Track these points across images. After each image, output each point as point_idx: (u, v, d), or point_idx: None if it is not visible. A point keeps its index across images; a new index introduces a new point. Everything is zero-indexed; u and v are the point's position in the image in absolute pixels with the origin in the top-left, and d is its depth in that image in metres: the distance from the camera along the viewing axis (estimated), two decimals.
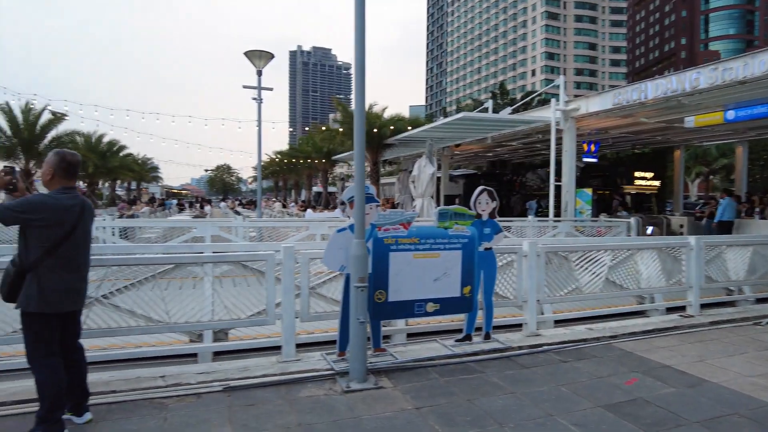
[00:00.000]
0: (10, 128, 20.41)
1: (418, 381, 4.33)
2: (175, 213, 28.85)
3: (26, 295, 3.09)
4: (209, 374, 4.26)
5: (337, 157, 33.06)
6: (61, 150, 3.35)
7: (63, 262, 3.17)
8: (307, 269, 4.69)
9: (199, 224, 10.38)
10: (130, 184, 52.00)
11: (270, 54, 13.28)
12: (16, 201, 3.11)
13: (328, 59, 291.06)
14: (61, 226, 3.14)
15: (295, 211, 29.64)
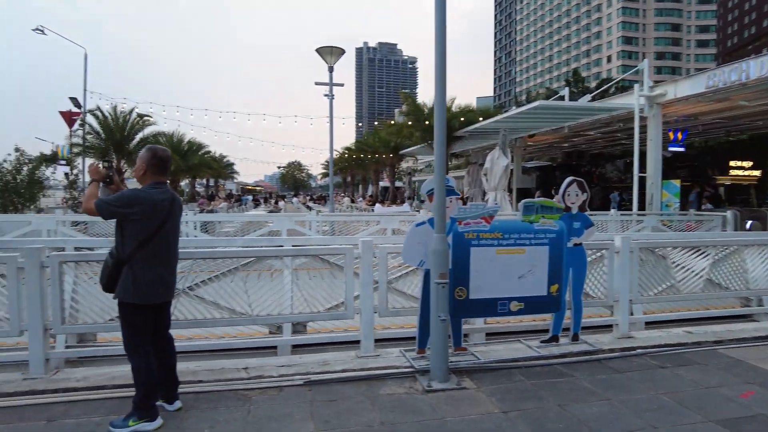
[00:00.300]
0: (103, 130, 22.11)
1: (502, 383, 4.12)
2: (251, 208, 30.11)
3: (123, 287, 3.21)
4: (290, 367, 4.28)
5: (405, 151, 32.97)
6: (152, 146, 3.45)
7: (155, 255, 3.27)
8: (386, 264, 4.59)
9: (276, 218, 10.66)
10: (209, 181, 54.84)
11: (341, 50, 13.37)
12: (113, 196, 3.24)
13: (393, 54, 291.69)
14: (154, 220, 3.24)
15: (364, 205, 29.96)
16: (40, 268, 4.01)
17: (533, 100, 48.87)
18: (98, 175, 3.41)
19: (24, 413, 3.52)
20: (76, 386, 3.87)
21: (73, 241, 5.30)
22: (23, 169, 14.29)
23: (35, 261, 3.98)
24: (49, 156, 18.41)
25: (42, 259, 4.02)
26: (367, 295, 4.45)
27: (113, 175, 3.48)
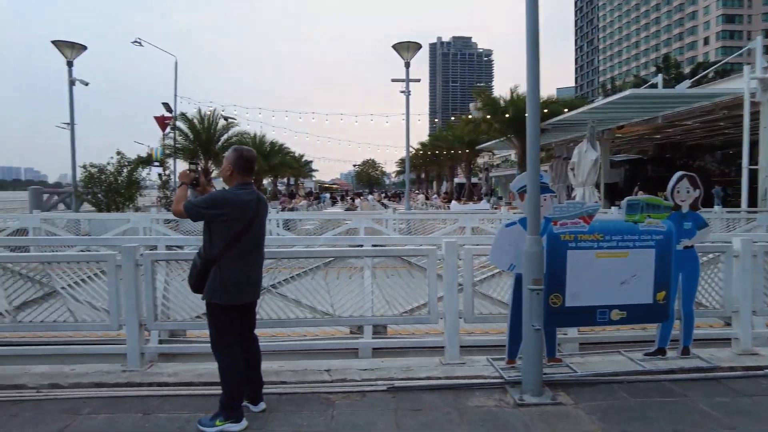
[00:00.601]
0: (192, 133, 23.54)
1: (603, 399, 3.73)
2: (329, 206, 30.82)
3: (210, 287, 3.23)
4: (373, 371, 4.15)
5: (482, 146, 32.15)
6: (238, 147, 3.46)
7: (242, 255, 3.26)
8: (471, 266, 4.33)
9: (354, 216, 10.69)
10: (289, 180, 56.93)
11: (417, 45, 13.16)
12: (201, 198, 3.27)
13: (468, 48, 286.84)
14: (241, 221, 3.23)
15: (438, 203, 29.58)
16: (135, 266, 4.17)
17: (619, 89, 45.80)
18: (186, 178, 3.47)
19: (123, 405, 3.67)
20: (168, 381, 3.99)
21: (165, 239, 5.54)
22: (123, 170, 15.49)
23: (131, 259, 4.15)
24: (144, 158, 19.89)
25: (136, 258, 4.18)
26: (452, 300, 4.23)
27: (200, 178, 3.52)
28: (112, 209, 14.85)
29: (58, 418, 3.48)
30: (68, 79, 14.06)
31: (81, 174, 15.07)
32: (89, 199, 15.23)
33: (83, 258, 4.32)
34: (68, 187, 16.01)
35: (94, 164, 15.23)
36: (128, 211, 15.43)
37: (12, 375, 4.14)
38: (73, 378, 4.04)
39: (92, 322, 4.29)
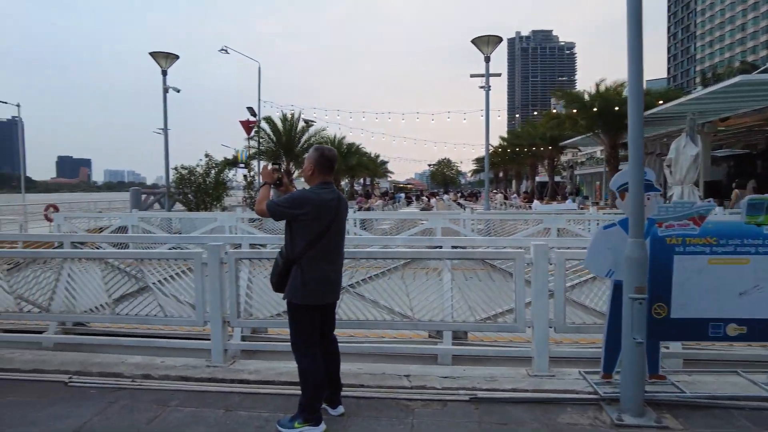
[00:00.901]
0: (274, 135, 24.51)
1: (720, 427, 3.27)
2: (404, 206, 30.81)
3: (292, 287, 3.20)
4: (454, 380, 3.95)
5: (567, 142, 30.61)
6: (319, 146, 3.41)
7: (323, 254, 3.21)
8: (563, 271, 4.00)
9: (430, 217, 10.50)
10: (365, 180, 57.79)
11: (498, 38, 12.70)
12: (283, 197, 3.25)
13: (548, 41, 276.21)
14: (321, 220, 3.17)
15: (519, 202, 28.58)
16: (220, 264, 4.27)
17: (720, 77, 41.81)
18: (269, 178, 3.48)
19: (206, 399, 3.75)
20: (249, 379, 4.04)
21: (249, 238, 5.68)
22: (211, 172, 16.41)
23: (216, 257, 4.25)
24: (231, 160, 20.97)
25: (221, 256, 4.28)
26: (542, 307, 3.92)
27: (282, 177, 3.52)
28: (201, 208, 15.76)
29: (149, 408, 3.63)
30: (162, 87, 15.10)
31: (173, 176, 16.15)
32: (180, 199, 16.29)
33: (172, 255, 4.51)
34: (163, 188, 17.21)
35: (184, 166, 16.28)
36: (216, 210, 16.31)
37: (111, 363, 4.39)
38: (162, 370, 4.21)
39: (179, 317, 4.45)
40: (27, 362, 4.48)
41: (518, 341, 5.11)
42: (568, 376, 3.98)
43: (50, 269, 4.73)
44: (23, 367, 4.37)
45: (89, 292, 4.61)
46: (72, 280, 4.59)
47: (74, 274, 4.59)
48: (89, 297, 4.61)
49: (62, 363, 4.44)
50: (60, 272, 4.64)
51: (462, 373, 4.10)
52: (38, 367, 4.35)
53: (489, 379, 3.93)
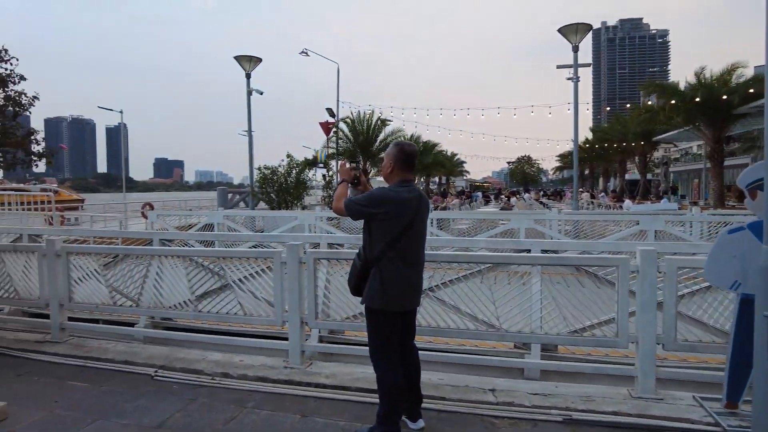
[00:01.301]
0: (352, 135, 24.83)
1: None
2: (481, 205, 29.97)
3: (370, 291, 3.02)
4: (545, 397, 3.58)
5: (661, 137, 28.28)
6: (399, 141, 3.21)
7: (402, 256, 3.00)
8: (675, 281, 3.49)
9: (512, 217, 9.98)
10: (441, 179, 57.19)
11: (587, 26, 11.84)
12: (361, 196, 3.08)
13: (638, 30, 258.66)
14: (401, 220, 2.96)
15: (607, 201, 26.83)
16: (299, 264, 4.20)
17: None
18: (347, 176, 3.33)
19: (283, 403, 3.68)
20: (326, 383, 3.92)
21: (328, 237, 5.61)
22: (292, 172, 16.87)
23: (295, 257, 4.18)
24: (311, 160, 21.49)
25: (300, 256, 4.20)
26: (649, 321, 3.44)
27: (360, 176, 3.35)
28: (283, 207, 16.24)
29: (227, 408, 3.61)
30: (246, 90, 15.72)
31: (257, 176, 16.78)
32: (263, 198, 16.89)
33: (252, 254, 4.51)
34: (247, 188, 17.94)
35: (267, 166, 16.86)
36: (296, 209, 16.73)
37: (193, 360, 4.47)
38: (241, 369, 4.21)
39: (258, 316, 4.44)
40: (120, 353, 4.68)
41: (615, 355, 4.62)
42: (680, 401, 3.47)
43: (141, 265, 4.91)
44: (116, 358, 4.57)
45: (175, 288, 4.73)
46: (160, 276, 4.74)
47: (161, 271, 4.73)
48: (175, 292, 4.73)
49: (150, 356, 4.60)
50: (148, 268, 4.81)
51: (554, 390, 3.72)
52: (129, 359, 4.53)
53: (585, 398, 3.52)
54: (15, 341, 5.15)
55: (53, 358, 4.68)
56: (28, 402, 3.79)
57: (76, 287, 5.06)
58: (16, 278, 5.35)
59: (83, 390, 3.99)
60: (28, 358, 4.72)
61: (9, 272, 5.37)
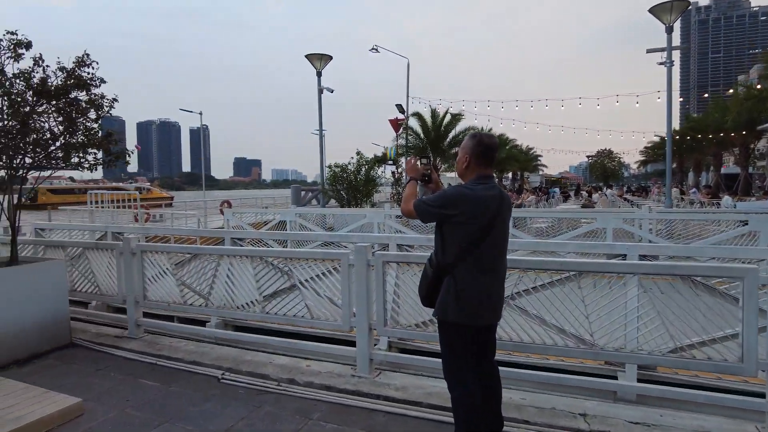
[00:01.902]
0: (422, 131, 24.41)
1: None
2: (560, 202, 28.42)
3: (443, 303, 2.68)
4: (648, 428, 3.07)
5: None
6: (476, 132, 2.83)
7: (481, 263, 2.63)
8: None
9: (597, 215, 9.17)
10: (515, 175, 55.27)
11: (684, 2, 10.68)
12: (432, 195, 2.74)
13: (735, 8, 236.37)
14: (479, 221, 2.60)
15: (700, 198, 24.53)
16: (366, 267, 3.94)
17: None
18: (416, 173, 3.00)
19: (350, 415, 3.44)
20: (395, 396, 3.64)
21: (397, 238, 5.32)
22: (362, 170, 16.81)
23: (363, 259, 3.93)
24: (380, 158, 21.37)
25: (368, 258, 3.95)
26: None
27: (431, 172, 3.01)
28: (352, 205, 16.23)
29: (292, 418, 3.42)
30: (317, 88, 15.82)
31: (327, 173, 16.89)
32: (334, 196, 16.98)
33: (318, 255, 4.31)
34: (320, 185, 18.11)
35: (337, 164, 16.92)
36: (366, 206, 16.66)
37: (260, 363, 4.36)
38: (307, 375, 4.02)
39: (325, 320, 4.24)
40: (189, 353, 4.67)
41: (731, 380, 3.96)
42: None
43: (210, 264, 4.88)
44: (186, 358, 4.56)
45: (243, 288, 4.64)
46: (230, 276, 4.67)
47: (231, 272, 4.66)
48: (243, 292, 4.65)
49: (218, 357, 4.54)
50: (217, 268, 4.76)
51: (658, 419, 3.18)
52: (197, 360, 4.49)
53: None
54: (97, 335, 5.32)
55: (128, 354, 4.76)
56: (103, 399, 3.83)
57: (150, 285, 5.13)
58: (98, 274, 5.53)
59: (153, 390, 3.98)
60: (106, 352, 4.85)
61: (92, 269, 5.57)
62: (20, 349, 4.69)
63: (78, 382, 4.18)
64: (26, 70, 4.66)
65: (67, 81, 4.80)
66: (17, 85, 4.66)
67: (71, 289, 5.69)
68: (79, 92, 4.91)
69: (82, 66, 4.93)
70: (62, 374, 4.37)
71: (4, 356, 4.58)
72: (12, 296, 4.66)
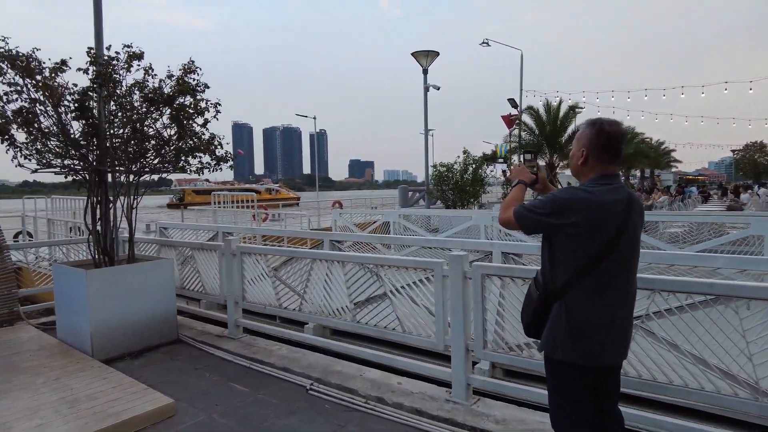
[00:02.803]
0: (536, 126, 22.87)
1: None
2: (698, 203, 24.98)
3: (552, 335, 2.13)
4: None
5: None
6: (596, 119, 2.21)
7: (603, 287, 2.05)
8: None
9: (753, 219, 7.63)
10: (644, 172, 50.21)
11: None
12: (538, 200, 2.19)
13: None
14: (601, 233, 2.02)
15: None
16: (463, 279, 3.49)
17: None
18: (524, 175, 2.46)
19: None
20: (493, 430, 3.14)
21: (501, 244, 4.76)
22: (469, 169, 16.10)
23: (458, 271, 3.48)
24: (489, 156, 20.40)
25: (465, 269, 3.48)
26: None
27: (538, 171, 2.47)
28: (458, 206, 15.62)
29: None
30: (423, 86, 15.47)
31: (432, 173, 16.45)
32: (439, 196, 16.49)
33: (410, 263, 3.92)
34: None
35: (443, 164, 16.39)
36: (473, 207, 15.96)
37: (349, 375, 4.11)
38: (397, 395, 3.67)
39: (418, 335, 3.84)
40: (281, 358, 4.57)
41: None
42: None
43: (304, 267, 4.75)
44: (277, 363, 4.46)
45: (335, 293, 4.43)
46: (327, 281, 4.49)
47: (329, 277, 4.46)
48: (336, 297, 4.43)
49: (308, 365, 4.37)
50: (309, 272, 4.60)
51: None
52: (288, 366, 4.36)
53: None
54: (201, 333, 5.48)
55: (225, 354, 4.80)
56: (195, 401, 3.83)
57: (249, 286, 5.15)
58: (203, 273, 5.71)
59: (242, 395, 3.91)
60: (206, 351, 4.93)
61: (199, 268, 5.76)
62: (134, 342, 4.96)
63: (177, 379, 4.26)
64: (140, 80, 4.89)
65: (175, 88, 4.97)
66: (134, 94, 4.91)
67: (181, 287, 5.95)
68: (186, 98, 5.05)
69: (189, 73, 5.07)
70: (166, 370, 4.50)
71: (122, 347, 4.86)
72: (128, 292, 4.93)
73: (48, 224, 10.59)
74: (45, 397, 3.77)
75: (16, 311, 5.94)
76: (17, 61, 4.53)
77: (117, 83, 4.81)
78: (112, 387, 3.93)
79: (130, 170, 5.09)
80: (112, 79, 4.74)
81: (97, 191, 5.03)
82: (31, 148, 4.77)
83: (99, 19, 5.43)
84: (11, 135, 4.76)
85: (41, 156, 4.81)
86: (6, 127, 4.68)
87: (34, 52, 4.66)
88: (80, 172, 5.00)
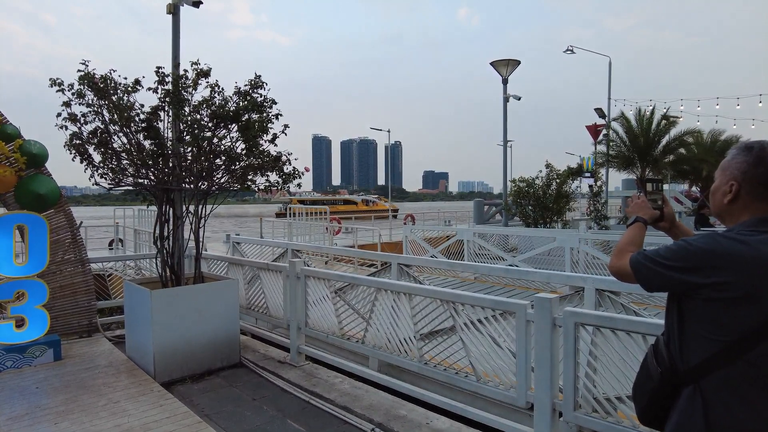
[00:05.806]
0: (627, 137, 21.06)
1: None
2: None
3: (681, 428, 1.56)
4: None
5: None
6: (755, 142, 1.61)
7: (759, 377, 1.45)
8: None
9: None
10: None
11: None
12: (664, 247, 1.62)
13: None
14: (757, 302, 1.43)
15: None
16: (551, 326, 2.94)
17: None
18: (646, 212, 1.88)
19: None
20: None
21: (597, 281, 4.08)
22: (552, 183, 15.02)
23: (546, 317, 2.94)
24: (575, 169, 19.01)
25: (554, 316, 2.93)
26: None
27: (664, 206, 1.91)
28: (540, 224, 14.62)
29: None
30: (503, 96, 14.73)
31: (511, 188, 15.54)
32: (517, 213, 15.55)
33: (488, 303, 3.40)
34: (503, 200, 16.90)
35: (523, 178, 15.43)
36: (555, 226, 14.88)
37: (415, 423, 3.67)
38: None
39: (494, 387, 3.32)
40: (342, 394, 4.22)
41: None
42: None
43: (368, 295, 4.37)
44: (338, 400, 4.11)
45: (402, 327, 3.99)
46: (391, 311, 4.08)
47: (396, 306, 4.06)
48: (401, 331, 4.01)
49: (370, 405, 3.98)
50: (374, 302, 4.22)
51: None
52: (349, 405, 4.00)
53: None
54: (263, 357, 5.27)
55: (285, 385, 4.52)
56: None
57: (311, 308, 4.87)
58: (268, 295, 5.51)
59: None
60: (267, 379, 4.69)
61: (264, 289, 5.58)
62: (196, 364, 4.83)
63: (233, 411, 4.03)
64: (207, 98, 4.80)
65: (240, 104, 4.83)
66: (201, 111, 4.82)
67: (247, 306, 5.80)
68: (253, 114, 4.90)
69: (256, 88, 4.93)
70: (224, 399, 4.29)
71: (183, 369, 4.75)
72: (193, 313, 4.82)
73: (134, 234, 11.10)
74: (102, 423, 3.67)
75: (95, 323, 6.08)
76: (94, 82, 4.59)
77: (185, 102, 4.74)
78: (166, 417, 3.77)
79: (198, 188, 5.01)
80: (180, 99, 4.68)
81: (166, 209, 4.99)
82: (106, 167, 4.82)
83: (177, 41, 5.47)
84: (89, 155, 4.84)
85: (114, 174, 4.84)
86: (83, 147, 4.76)
87: (111, 73, 4.71)
88: (149, 189, 4.98)
